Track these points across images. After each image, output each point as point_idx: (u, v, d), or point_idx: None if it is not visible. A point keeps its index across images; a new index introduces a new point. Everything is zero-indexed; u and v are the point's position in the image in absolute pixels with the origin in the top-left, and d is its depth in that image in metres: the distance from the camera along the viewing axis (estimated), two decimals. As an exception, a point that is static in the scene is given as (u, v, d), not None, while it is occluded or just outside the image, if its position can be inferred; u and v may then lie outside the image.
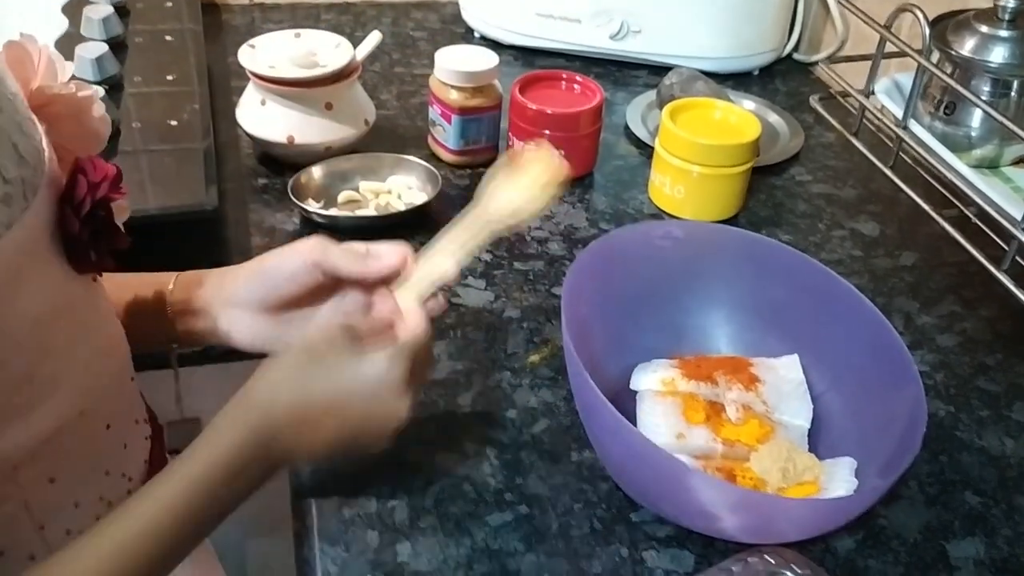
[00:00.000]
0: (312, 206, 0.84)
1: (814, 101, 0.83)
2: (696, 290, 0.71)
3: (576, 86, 0.94)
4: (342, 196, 0.87)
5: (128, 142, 0.80)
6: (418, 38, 1.20)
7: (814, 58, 1.18)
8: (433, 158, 0.95)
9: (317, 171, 0.87)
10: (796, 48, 1.21)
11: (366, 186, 0.88)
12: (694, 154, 0.85)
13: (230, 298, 0.56)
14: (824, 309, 0.67)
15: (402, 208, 0.86)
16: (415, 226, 0.81)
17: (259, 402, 0.49)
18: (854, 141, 0.76)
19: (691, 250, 0.71)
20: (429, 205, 0.84)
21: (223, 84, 1.04)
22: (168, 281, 0.57)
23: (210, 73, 1.00)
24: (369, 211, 0.86)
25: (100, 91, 0.76)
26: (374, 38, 0.91)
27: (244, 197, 0.87)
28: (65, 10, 1.00)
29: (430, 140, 0.96)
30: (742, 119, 0.88)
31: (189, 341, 0.58)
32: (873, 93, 0.75)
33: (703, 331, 0.71)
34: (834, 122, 0.78)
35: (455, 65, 0.89)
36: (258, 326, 0.55)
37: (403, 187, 0.89)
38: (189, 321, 0.57)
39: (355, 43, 0.90)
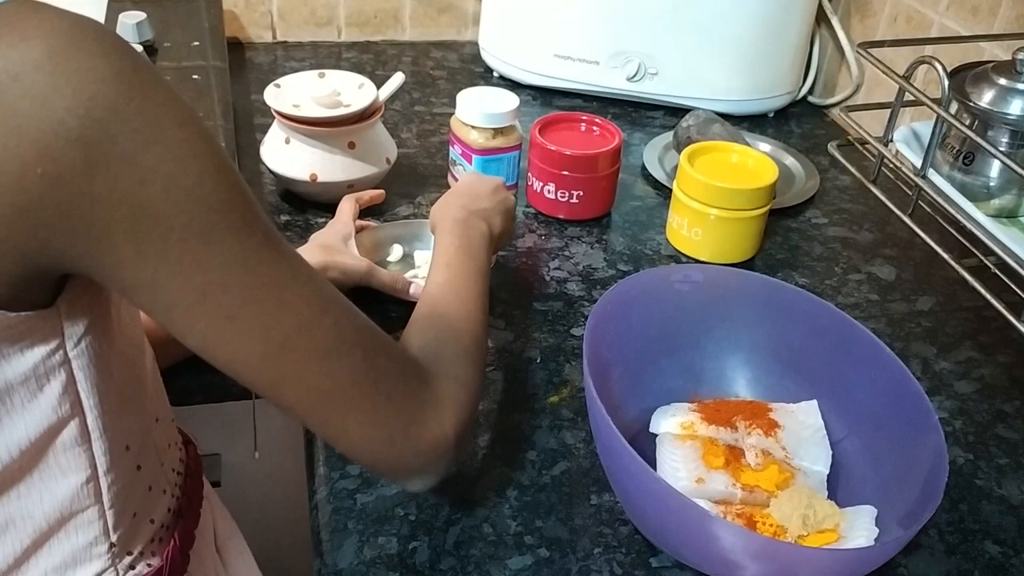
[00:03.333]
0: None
1: (832, 148, 0.84)
2: (715, 333, 0.71)
3: (595, 128, 0.95)
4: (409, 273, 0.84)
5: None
6: (438, 77, 1.22)
7: (829, 101, 1.20)
8: (453, 197, 0.96)
9: (366, 238, 0.85)
10: (811, 91, 1.22)
11: (423, 256, 0.86)
12: (712, 197, 0.86)
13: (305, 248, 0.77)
14: (843, 355, 0.67)
15: None
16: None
17: (443, 204, 0.73)
18: (873, 189, 0.77)
19: (710, 294, 0.71)
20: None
21: (246, 120, 1.06)
22: None
23: (234, 109, 1.01)
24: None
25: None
26: (397, 80, 0.92)
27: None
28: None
29: (450, 179, 0.97)
30: (759, 163, 0.89)
31: None
32: (892, 141, 0.76)
33: (722, 374, 0.72)
34: (853, 170, 0.79)
35: (476, 106, 0.91)
36: (317, 255, 0.75)
37: None
38: None
39: (377, 82, 0.92)
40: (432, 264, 0.66)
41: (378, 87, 0.92)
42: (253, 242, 0.44)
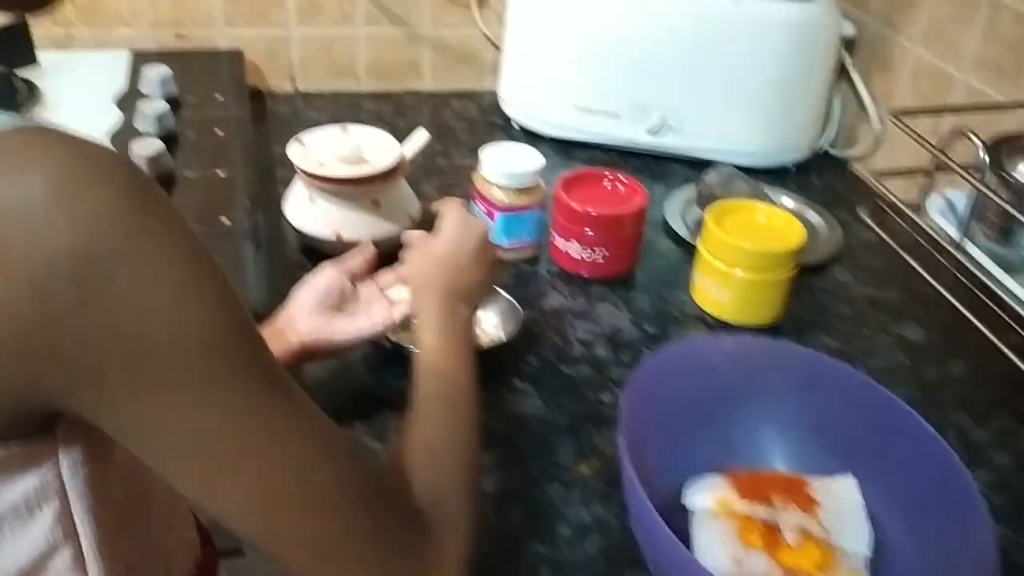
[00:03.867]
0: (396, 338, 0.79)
1: (863, 214, 0.84)
2: (749, 404, 0.70)
3: (620, 185, 0.95)
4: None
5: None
6: (458, 128, 1.22)
7: (849, 154, 1.20)
8: (476, 253, 0.95)
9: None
10: (832, 144, 1.22)
11: None
12: (738, 259, 0.85)
13: (296, 314, 0.70)
14: (881, 428, 0.66)
15: (485, 344, 0.80)
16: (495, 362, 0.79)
17: (424, 281, 0.68)
18: (909, 259, 0.76)
19: (743, 364, 0.70)
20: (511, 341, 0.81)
21: (268, 172, 1.05)
22: None
23: (256, 160, 1.01)
24: None
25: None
26: (420, 137, 0.92)
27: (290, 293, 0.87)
28: (118, 102, 1.02)
29: (473, 235, 0.97)
30: (786, 223, 0.88)
31: None
32: (925, 211, 0.75)
33: (756, 446, 0.70)
34: (887, 238, 0.79)
35: (501, 165, 0.90)
36: (316, 322, 0.70)
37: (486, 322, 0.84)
38: None
39: (398, 134, 0.92)
40: (420, 365, 0.62)
41: (399, 139, 0.92)
42: (256, 386, 0.42)
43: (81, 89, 1.06)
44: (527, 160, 0.92)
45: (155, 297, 0.38)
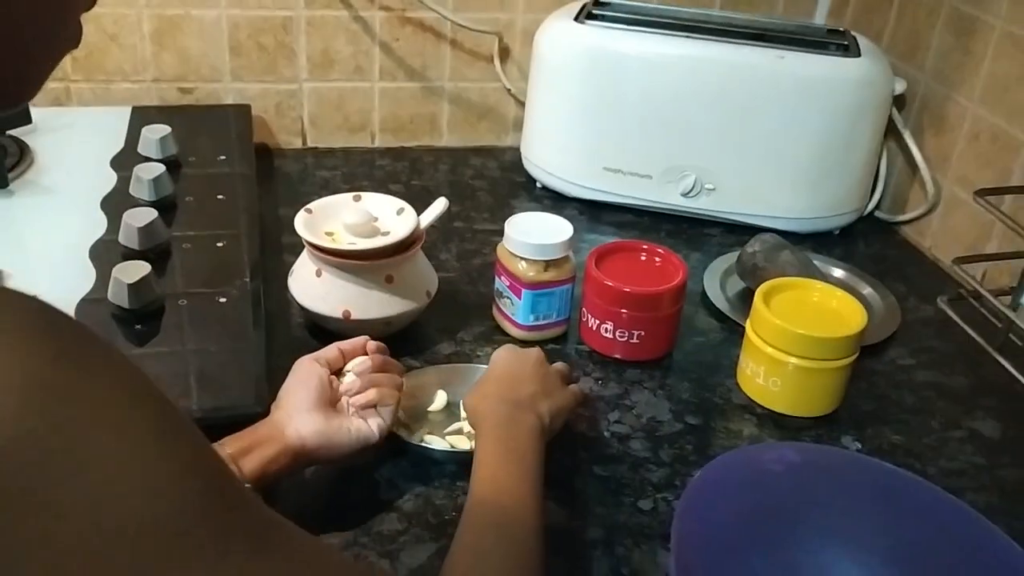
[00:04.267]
0: (414, 437, 0.72)
1: (943, 303, 0.75)
2: (814, 523, 0.61)
3: (657, 258, 0.87)
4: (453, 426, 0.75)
5: (173, 324, 0.73)
6: (478, 188, 1.15)
7: (899, 218, 1.11)
8: (498, 331, 0.87)
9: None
10: (878, 206, 1.14)
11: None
12: (792, 345, 0.76)
13: (292, 412, 0.63)
14: (969, 557, 0.57)
15: None
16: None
17: (479, 397, 0.67)
18: (999, 359, 0.67)
19: (807, 477, 0.61)
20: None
21: (274, 238, 0.98)
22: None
23: (260, 226, 0.94)
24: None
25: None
26: (439, 206, 0.85)
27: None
28: (114, 163, 0.96)
29: (495, 311, 0.88)
30: (844, 304, 0.80)
31: (258, 475, 0.60)
32: (1020, 305, 0.66)
33: (822, 571, 0.61)
34: (974, 334, 0.70)
35: (527, 237, 0.82)
36: (317, 422, 0.63)
37: None
38: (256, 454, 0.60)
39: (412, 191, 0.84)
40: (474, 476, 0.59)
41: (414, 199, 0.85)
42: (237, 555, 0.34)
43: (77, 149, 0.99)
44: (556, 230, 0.84)
45: (83, 490, 0.30)
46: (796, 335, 0.76)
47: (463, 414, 0.75)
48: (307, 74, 1.16)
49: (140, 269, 0.73)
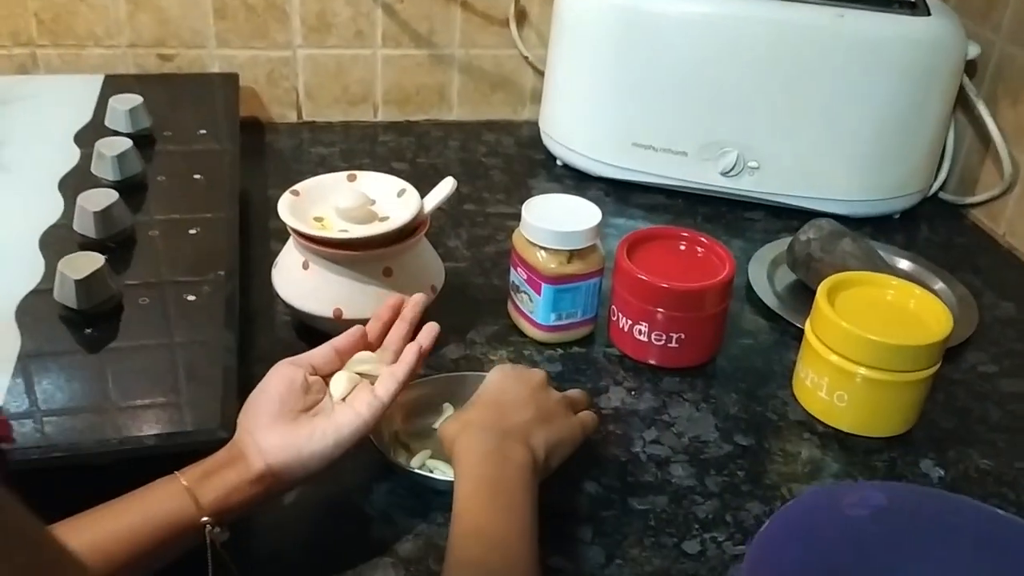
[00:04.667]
0: (414, 461, 0.61)
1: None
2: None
3: (699, 248, 0.75)
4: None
5: (131, 327, 0.62)
6: (491, 166, 1.03)
7: (968, 200, 0.99)
8: (515, 330, 0.76)
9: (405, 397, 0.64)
10: (943, 186, 1.01)
11: None
12: (862, 353, 0.64)
13: (253, 427, 0.53)
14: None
15: None
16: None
17: (460, 425, 0.56)
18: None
19: (897, 524, 0.50)
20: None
21: (260, 224, 0.87)
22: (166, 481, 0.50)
23: (245, 210, 0.83)
24: None
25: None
26: (446, 187, 0.73)
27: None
28: (79, 138, 0.84)
29: (511, 307, 0.77)
30: (923, 305, 0.68)
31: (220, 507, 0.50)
32: None
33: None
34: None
35: (547, 223, 0.71)
36: (281, 435, 0.53)
37: None
38: (216, 482, 0.50)
39: (419, 170, 0.73)
40: (454, 528, 0.49)
41: (421, 180, 0.73)
42: None
43: (39, 122, 0.88)
44: (581, 215, 0.72)
45: None
46: (867, 341, 0.64)
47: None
48: (302, 39, 1.04)
49: (92, 262, 0.61)
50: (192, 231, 0.73)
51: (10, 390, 0.55)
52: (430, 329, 0.61)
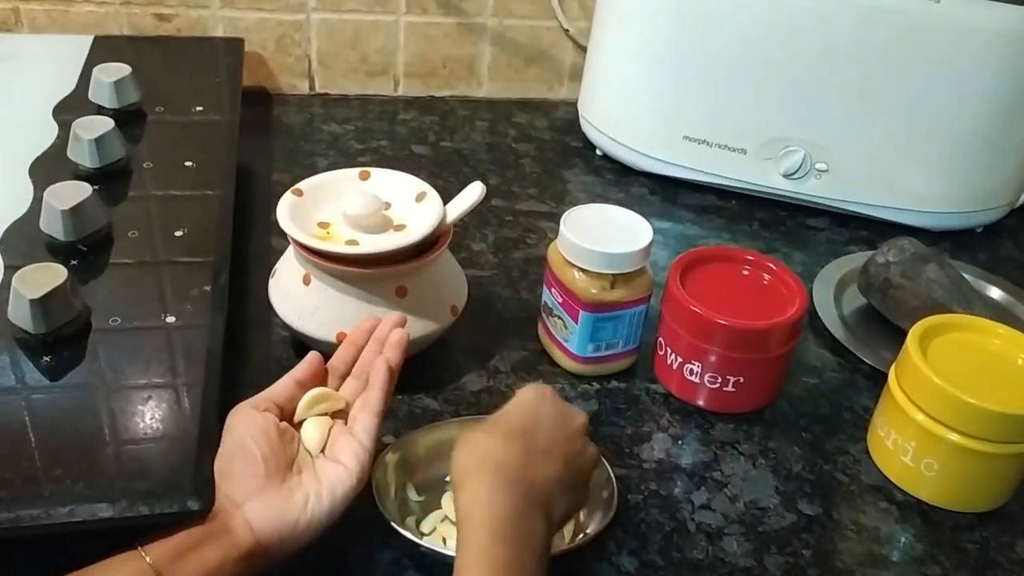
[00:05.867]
0: (424, 525, 0.53)
1: None
2: None
3: (766, 276, 0.64)
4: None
5: (96, 357, 0.52)
6: (522, 153, 0.92)
7: (1061, 215, 0.87)
8: (545, 357, 0.66)
9: (404, 452, 0.55)
10: (1031, 197, 0.89)
11: None
12: (957, 417, 0.54)
13: (240, 495, 0.45)
14: None
15: (564, 537, 0.52)
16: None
17: (479, 470, 0.45)
18: None
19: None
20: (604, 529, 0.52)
21: (263, 212, 0.77)
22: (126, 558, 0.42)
23: (246, 195, 0.73)
24: None
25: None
26: (473, 194, 0.62)
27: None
28: (58, 112, 0.74)
29: (541, 330, 0.67)
30: (1031, 358, 0.57)
31: None
32: None
33: None
34: None
35: (590, 241, 0.60)
36: (272, 505, 0.45)
37: None
38: (192, 563, 0.42)
39: (441, 154, 0.63)
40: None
41: (443, 174, 0.65)
42: None
43: (16, 90, 0.78)
44: (630, 232, 0.62)
45: None
46: (966, 405, 0.54)
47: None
48: (316, 1, 0.93)
49: (52, 277, 0.52)
50: (178, 233, 0.63)
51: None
52: (396, 340, 0.53)
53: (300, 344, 0.64)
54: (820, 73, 0.79)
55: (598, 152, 0.92)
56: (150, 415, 0.49)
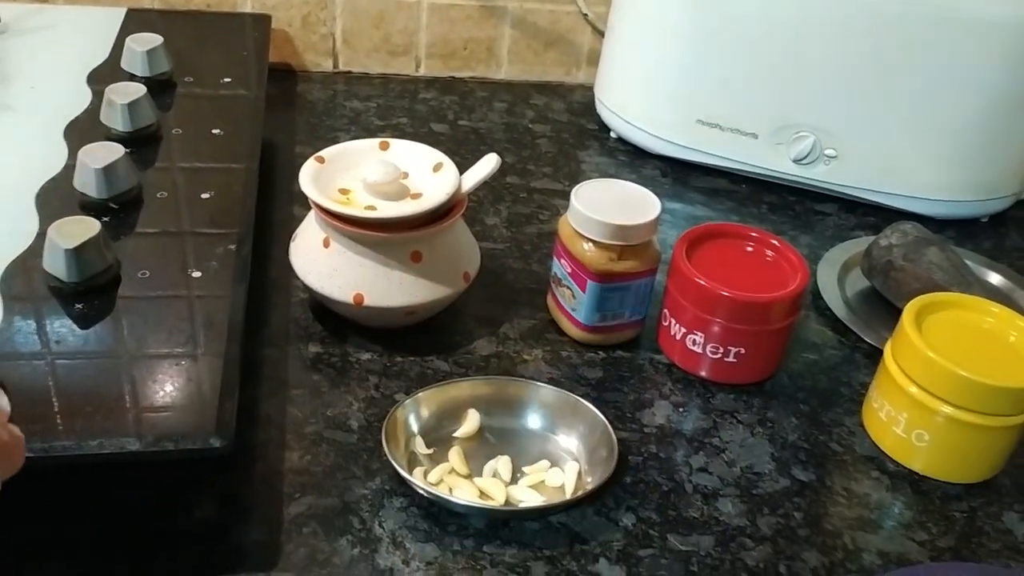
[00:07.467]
0: (431, 476, 0.55)
1: None
2: None
3: (769, 252, 0.66)
4: (488, 464, 0.57)
5: (125, 305, 0.55)
6: (538, 134, 0.94)
7: (1067, 207, 0.88)
8: (553, 326, 0.68)
9: (415, 408, 0.58)
10: (1039, 189, 0.91)
11: (534, 467, 0.57)
12: (950, 390, 0.56)
13: None
14: None
15: (565, 491, 0.55)
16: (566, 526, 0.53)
17: None
18: None
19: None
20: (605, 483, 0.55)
21: (285, 182, 0.80)
22: None
23: (269, 168, 0.76)
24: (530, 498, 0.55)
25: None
26: (488, 165, 0.65)
27: (285, 376, 0.61)
28: (91, 79, 0.77)
29: (550, 300, 0.69)
30: (1024, 336, 0.59)
31: None
32: None
33: None
34: None
35: (599, 213, 0.63)
36: None
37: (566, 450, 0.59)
38: None
39: (459, 132, 0.65)
40: None
41: (459, 150, 0.66)
42: None
43: (51, 58, 0.81)
44: (638, 205, 0.64)
45: None
46: (958, 378, 0.55)
47: (507, 470, 0.56)
48: (342, -19, 0.96)
49: (86, 229, 0.55)
50: (204, 195, 0.66)
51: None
52: None
53: (318, 305, 0.67)
54: (835, 60, 0.80)
55: (612, 134, 0.94)
56: (176, 362, 0.52)
